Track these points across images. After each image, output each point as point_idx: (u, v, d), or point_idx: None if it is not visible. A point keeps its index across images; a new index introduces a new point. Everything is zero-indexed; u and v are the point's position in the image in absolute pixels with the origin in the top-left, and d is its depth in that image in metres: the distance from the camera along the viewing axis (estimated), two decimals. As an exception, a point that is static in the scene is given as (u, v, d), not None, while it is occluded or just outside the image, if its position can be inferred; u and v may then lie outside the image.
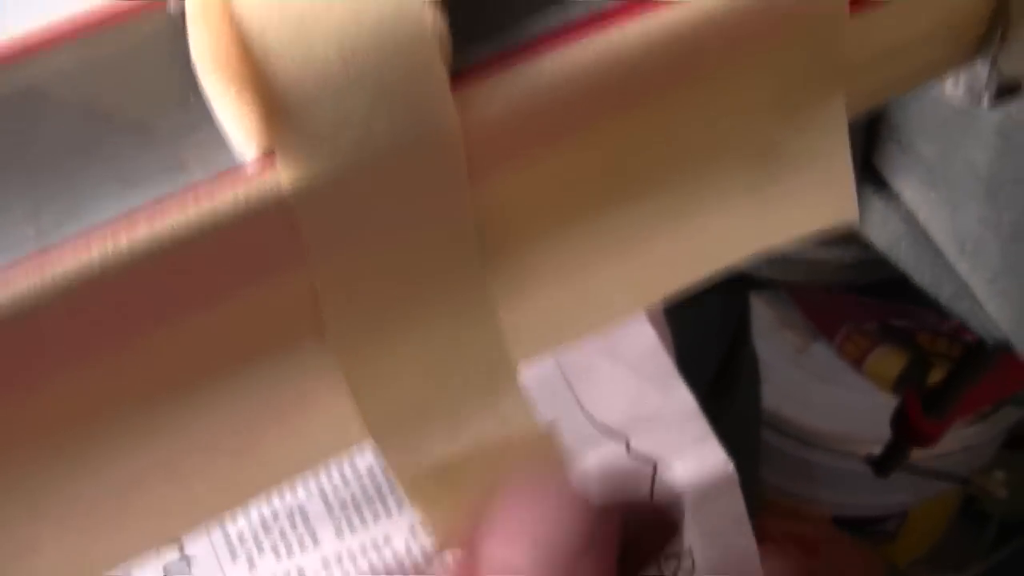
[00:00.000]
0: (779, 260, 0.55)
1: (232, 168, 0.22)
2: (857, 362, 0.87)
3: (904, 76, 0.29)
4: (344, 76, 0.22)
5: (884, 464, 0.76)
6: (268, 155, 0.22)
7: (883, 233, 0.45)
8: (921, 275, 0.46)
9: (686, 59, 0.24)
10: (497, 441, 0.25)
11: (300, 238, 0.23)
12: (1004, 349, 0.42)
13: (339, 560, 0.44)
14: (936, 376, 0.80)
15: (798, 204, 0.27)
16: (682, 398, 0.48)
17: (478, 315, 0.25)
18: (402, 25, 0.22)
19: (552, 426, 0.26)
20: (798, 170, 0.27)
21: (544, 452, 0.26)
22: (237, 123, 0.22)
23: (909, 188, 0.45)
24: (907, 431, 0.71)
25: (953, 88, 0.30)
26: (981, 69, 0.29)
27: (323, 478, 0.45)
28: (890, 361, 0.86)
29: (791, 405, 0.91)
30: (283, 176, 0.22)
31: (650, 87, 0.24)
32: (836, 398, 0.90)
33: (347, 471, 0.46)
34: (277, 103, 0.22)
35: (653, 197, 0.26)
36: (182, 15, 0.25)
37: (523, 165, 0.24)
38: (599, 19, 0.24)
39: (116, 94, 0.26)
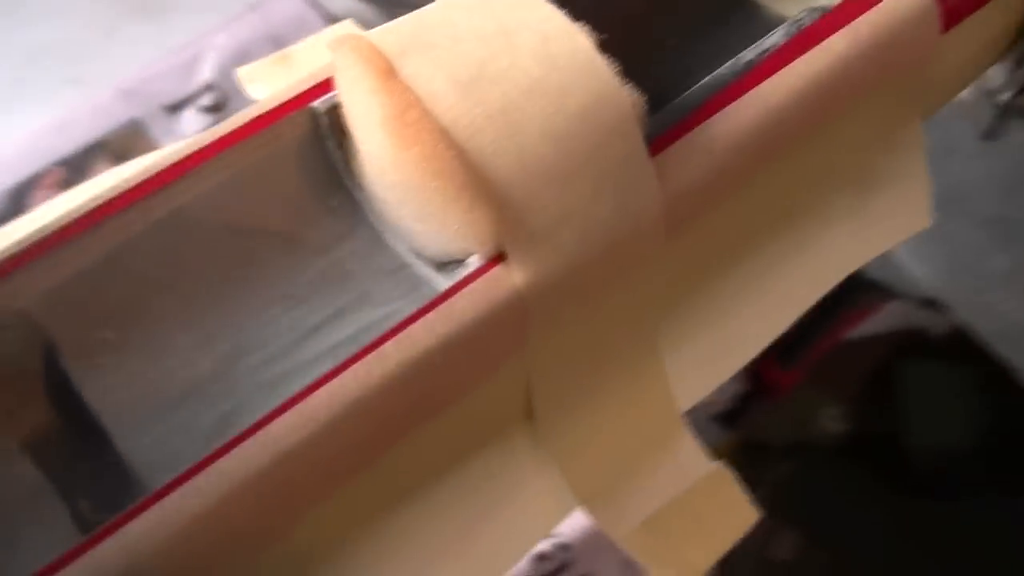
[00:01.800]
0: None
1: (466, 276, 0.22)
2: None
3: (961, 83, 0.32)
4: (561, 168, 0.22)
5: (733, 417, 0.80)
6: (498, 256, 0.22)
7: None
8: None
9: (821, 103, 0.26)
10: (683, 487, 0.26)
11: (525, 329, 0.23)
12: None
13: None
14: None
15: (886, 220, 0.29)
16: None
17: (654, 373, 0.26)
18: (606, 108, 0.22)
19: (722, 465, 0.27)
20: (886, 188, 0.29)
21: (722, 487, 0.27)
22: (459, 230, 0.22)
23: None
24: (760, 384, 0.76)
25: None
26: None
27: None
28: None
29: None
30: (517, 276, 0.22)
31: (794, 133, 0.26)
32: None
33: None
34: (502, 205, 0.22)
35: (780, 236, 0.28)
36: (325, 115, 0.24)
37: (695, 225, 0.25)
38: (750, 78, 0.25)
39: (260, 208, 0.25)
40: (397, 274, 0.25)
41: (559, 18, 0.23)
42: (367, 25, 0.54)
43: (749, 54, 0.25)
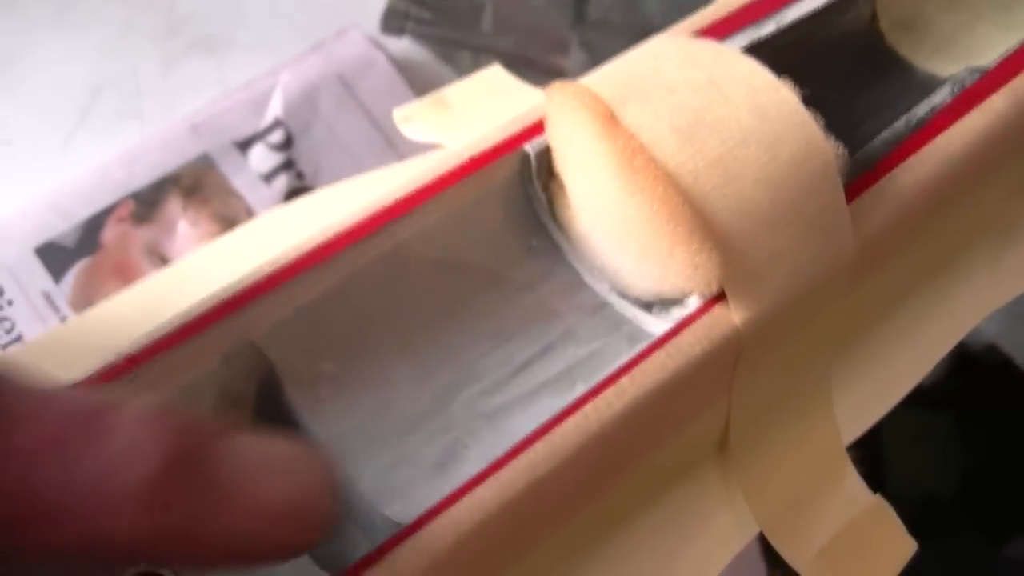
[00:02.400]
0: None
1: (690, 314, 0.23)
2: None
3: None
4: (774, 213, 0.23)
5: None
6: (717, 296, 0.23)
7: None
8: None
9: (987, 156, 0.27)
10: (848, 517, 0.28)
11: (735, 367, 0.24)
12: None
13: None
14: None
15: (1021, 266, 0.31)
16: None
17: (826, 409, 0.27)
18: (813, 158, 0.24)
19: (881, 498, 0.28)
20: (1021, 236, 0.31)
21: (883, 519, 0.28)
22: (684, 270, 0.23)
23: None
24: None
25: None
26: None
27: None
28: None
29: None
30: (736, 314, 0.23)
31: (962, 186, 0.27)
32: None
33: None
34: (724, 247, 0.23)
35: (931, 281, 0.29)
36: (535, 157, 0.25)
37: (871, 269, 0.26)
38: (924, 133, 0.26)
39: (469, 246, 0.26)
40: (599, 312, 0.26)
41: (764, 71, 0.24)
42: (422, 64, 0.55)
43: (921, 110, 0.27)
